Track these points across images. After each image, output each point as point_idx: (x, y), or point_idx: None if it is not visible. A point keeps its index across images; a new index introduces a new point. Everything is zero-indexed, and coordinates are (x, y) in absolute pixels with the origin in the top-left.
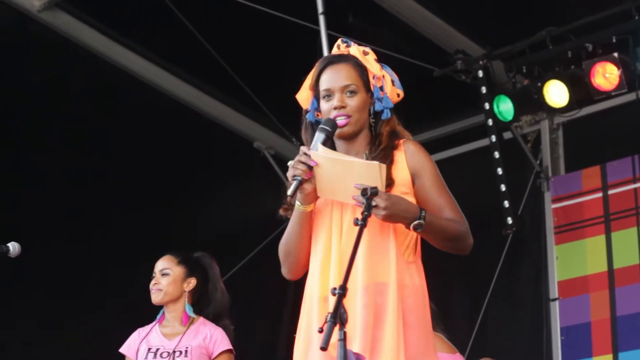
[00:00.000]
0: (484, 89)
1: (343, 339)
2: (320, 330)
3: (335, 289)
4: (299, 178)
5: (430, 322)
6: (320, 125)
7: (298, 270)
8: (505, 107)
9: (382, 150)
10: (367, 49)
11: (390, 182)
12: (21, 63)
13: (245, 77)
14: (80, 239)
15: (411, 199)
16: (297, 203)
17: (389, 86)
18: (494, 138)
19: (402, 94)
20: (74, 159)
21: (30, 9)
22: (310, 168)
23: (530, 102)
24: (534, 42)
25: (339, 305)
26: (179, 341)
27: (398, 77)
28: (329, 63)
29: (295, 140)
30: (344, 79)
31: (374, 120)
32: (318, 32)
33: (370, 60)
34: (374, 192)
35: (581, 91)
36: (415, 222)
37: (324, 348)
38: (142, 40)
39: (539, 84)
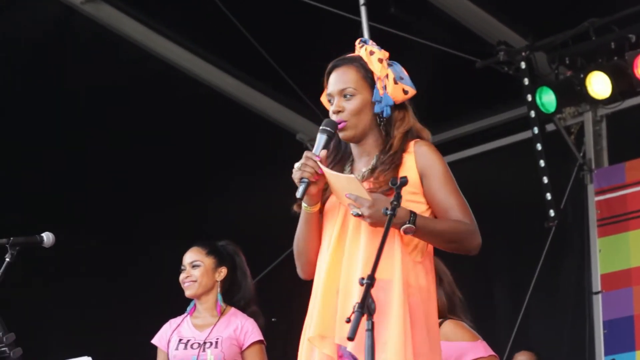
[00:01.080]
0: (526, 81)
1: (371, 329)
2: (348, 321)
3: (363, 278)
4: (307, 180)
5: (437, 323)
6: (321, 127)
7: (310, 269)
8: (547, 99)
9: (391, 155)
10: (375, 49)
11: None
12: (65, 55)
13: (287, 69)
14: (122, 227)
15: (421, 199)
16: (303, 204)
17: (391, 84)
18: (536, 130)
19: (410, 91)
20: (118, 149)
21: (74, 2)
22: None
23: (572, 93)
24: (576, 33)
25: (366, 295)
26: (210, 332)
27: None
28: (334, 67)
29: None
30: (341, 83)
31: (382, 121)
32: (359, 23)
33: (373, 61)
34: (404, 181)
35: (624, 82)
36: (405, 227)
37: (350, 338)
38: (185, 32)
39: (582, 76)
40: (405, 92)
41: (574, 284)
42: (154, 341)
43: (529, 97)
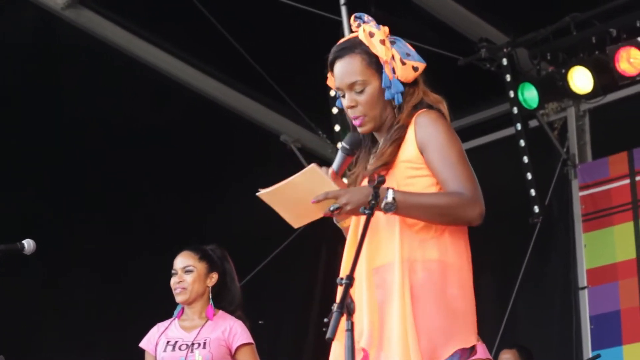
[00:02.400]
0: (508, 77)
1: (350, 329)
2: (327, 320)
3: (341, 279)
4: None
5: (461, 298)
6: (341, 144)
7: None
8: (530, 95)
9: (396, 130)
10: (373, 29)
11: (387, 160)
12: (46, 61)
13: (270, 70)
14: (107, 231)
15: (425, 172)
16: (335, 221)
17: (399, 66)
18: (519, 126)
19: (420, 65)
20: (99, 153)
21: (54, 7)
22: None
23: (555, 89)
24: (557, 28)
25: (345, 295)
26: (198, 333)
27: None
28: (336, 57)
29: (321, 133)
30: (349, 76)
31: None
32: (340, 23)
33: (375, 44)
34: (381, 180)
35: (606, 77)
36: (382, 204)
37: (330, 339)
38: (166, 35)
39: (564, 71)
40: (415, 69)
41: (560, 279)
42: (142, 344)
43: (512, 94)
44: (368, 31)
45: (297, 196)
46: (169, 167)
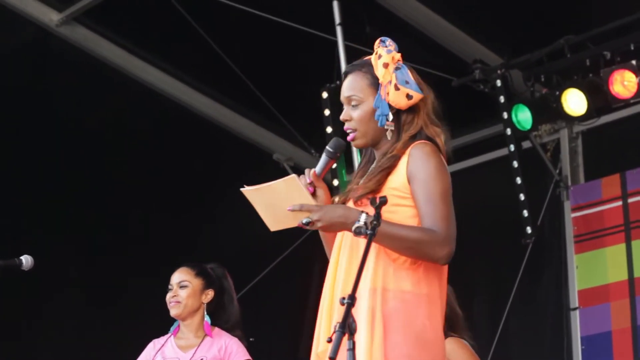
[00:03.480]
0: (502, 99)
1: (352, 349)
2: (329, 340)
3: (343, 298)
4: None
5: (431, 329)
6: (326, 148)
7: None
8: (523, 117)
9: (386, 159)
10: (383, 53)
11: (372, 189)
12: (40, 77)
13: (263, 88)
14: (96, 248)
15: (410, 203)
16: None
17: (392, 91)
18: (512, 147)
19: (415, 95)
20: (95, 170)
21: (49, 24)
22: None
23: (548, 111)
24: (552, 50)
25: (347, 314)
26: (194, 353)
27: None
28: (346, 72)
29: (314, 152)
30: (349, 90)
31: (392, 126)
32: (335, 43)
33: (379, 65)
34: (383, 200)
35: (599, 99)
36: (354, 227)
37: (332, 358)
38: (161, 53)
39: (557, 93)
40: (409, 97)
41: (551, 300)
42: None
43: (505, 115)
44: (378, 54)
45: (276, 201)
46: (160, 184)
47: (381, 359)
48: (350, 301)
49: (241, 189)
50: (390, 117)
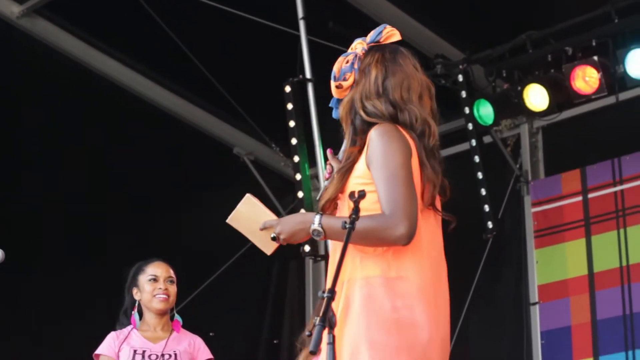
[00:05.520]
0: (464, 93)
1: (332, 343)
2: (309, 334)
3: (323, 292)
4: (324, 183)
5: (407, 308)
6: None
7: None
8: (485, 112)
9: (346, 161)
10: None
11: (330, 199)
12: (1, 70)
13: (224, 82)
14: (61, 245)
15: (373, 188)
16: None
17: (332, 85)
18: (474, 142)
19: (342, 84)
20: (53, 165)
21: (9, 16)
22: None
23: (510, 106)
24: (514, 46)
25: (327, 308)
26: (165, 345)
27: None
28: None
29: (275, 146)
30: None
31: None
32: (298, 38)
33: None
34: (362, 194)
35: (561, 95)
36: (311, 230)
37: (313, 352)
38: (122, 46)
39: (519, 88)
40: (338, 87)
41: (511, 295)
42: (100, 350)
43: (467, 110)
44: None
45: (250, 225)
46: (118, 177)
47: (341, 346)
48: (330, 295)
49: (227, 220)
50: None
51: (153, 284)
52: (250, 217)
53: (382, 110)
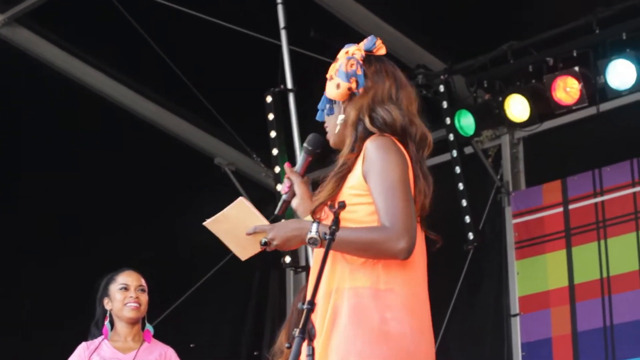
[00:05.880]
0: (445, 104)
1: (311, 355)
2: (289, 347)
3: (302, 304)
4: (283, 196)
5: (396, 320)
6: (304, 144)
7: None
8: (466, 122)
9: (340, 167)
10: (339, 55)
11: (322, 202)
12: None
13: (205, 92)
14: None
15: (368, 200)
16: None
17: (328, 82)
18: (455, 153)
19: (342, 84)
20: (34, 174)
21: None
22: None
23: (491, 116)
24: (495, 56)
25: (306, 320)
26: (136, 355)
27: None
28: None
29: (256, 157)
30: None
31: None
32: (279, 47)
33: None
34: (341, 205)
35: (542, 105)
36: (307, 237)
37: None
38: (103, 55)
39: (500, 99)
40: (338, 87)
41: (492, 306)
42: None
43: (448, 120)
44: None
45: (234, 229)
46: (98, 187)
47: (327, 357)
48: (309, 307)
49: (204, 223)
50: (333, 110)
51: (124, 292)
52: (239, 221)
53: (396, 118)
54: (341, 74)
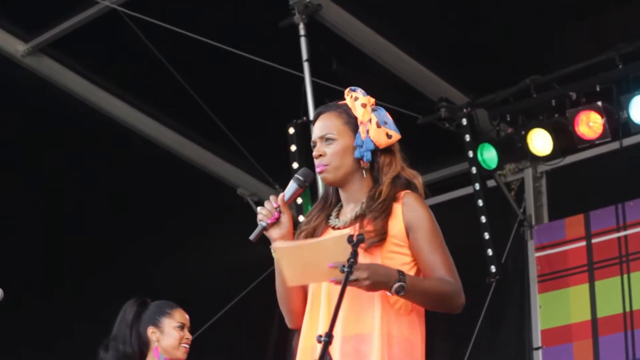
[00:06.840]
0: (467, 137)
1: None
2: None
3: (320, 336)
4: (263, 223)
5: None
6: (295, 175)
7: (294, 319)
8: (489, 155)
9: (381, 203)
10: (360, 95)
11: (383, 236)
12: (5, 108)
13: (229, 123)
14: (63, 281)
15: (406, 251)
16: (272, 251)
17: (373, 128)
18: (477, 186)
19: (394, 135)
20: (56, 203)
21: (14, 54)
22: (277, 212)
23: (514, 150)
24: (518, 90)
25: (324, 352)
26: None
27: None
28: (318, 114)
29: (278, 187)
30: (322, 129)
31: (365, 166)
32: (302, 79)
33: (357, 106)
34: (360, 239)
35: (565, 140)
36: (396, 285)
37: None
38: (126, 85)
39: (523, 133)
40: (389, 137)
41: (514, 339)
42: None
43: (471, 154)
44: (354, 96)
45: (314, 258)
46: (123, 217)
47: None
48: (327, 339)
49: (277, 246)
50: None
51: (180, 331)
52: (328, 253)
53: (413, 173)
54: (391, 124)
